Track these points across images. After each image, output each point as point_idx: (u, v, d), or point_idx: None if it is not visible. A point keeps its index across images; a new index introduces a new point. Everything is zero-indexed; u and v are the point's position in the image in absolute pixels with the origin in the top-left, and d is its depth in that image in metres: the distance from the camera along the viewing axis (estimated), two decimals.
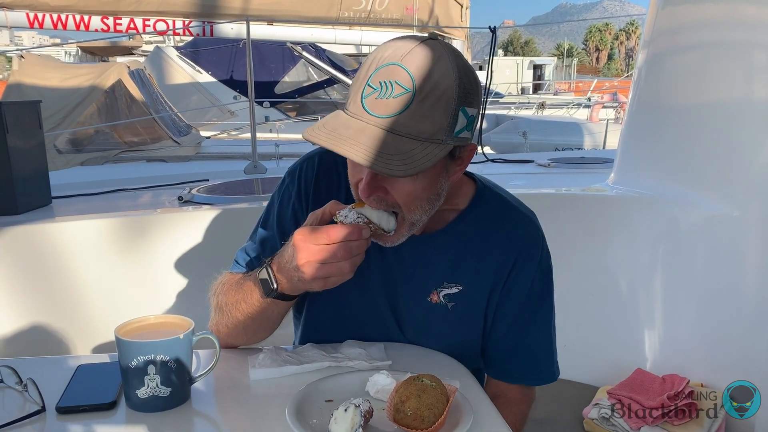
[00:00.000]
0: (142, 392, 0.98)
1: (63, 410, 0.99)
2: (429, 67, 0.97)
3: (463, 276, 1.22)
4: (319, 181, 1.25)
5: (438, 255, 1.21)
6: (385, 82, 0.97)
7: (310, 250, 1.00)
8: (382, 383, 1.02)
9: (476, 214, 1.22)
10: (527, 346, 1.27)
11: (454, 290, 1.22)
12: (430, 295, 1.22)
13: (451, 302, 1.22)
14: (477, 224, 1.22)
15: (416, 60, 0.97)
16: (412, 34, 1.02)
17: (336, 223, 1.03)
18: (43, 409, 0.99)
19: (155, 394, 0.98)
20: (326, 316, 1.29)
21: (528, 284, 1.23)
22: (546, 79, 32.94)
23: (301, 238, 1.02)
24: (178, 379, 1.00)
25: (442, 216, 1.19)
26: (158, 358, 0.97)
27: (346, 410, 0.89)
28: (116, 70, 6.62)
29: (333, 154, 1.04)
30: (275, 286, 1.07)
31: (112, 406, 1.01)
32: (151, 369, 0.97)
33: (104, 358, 1.20)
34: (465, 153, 1.09)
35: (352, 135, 0.97)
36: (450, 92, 0.98)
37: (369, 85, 0.98)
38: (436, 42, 1.01)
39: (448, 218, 1.21)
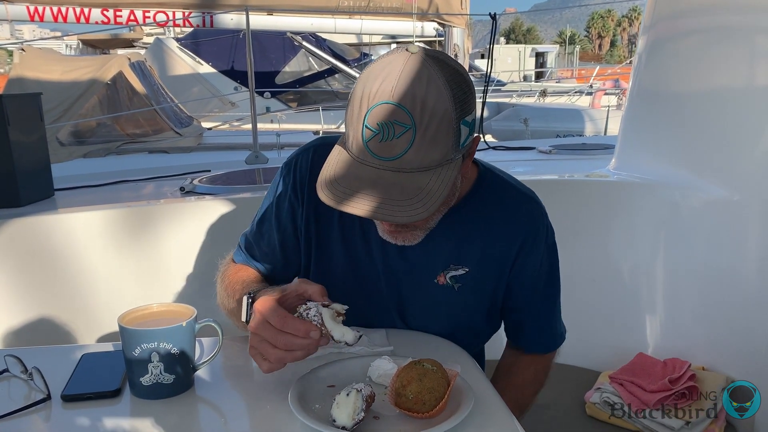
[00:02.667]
0: (145, 380, 0.99)
1: (68, 398, 1.00)
2: (422, 96, 0.95)
3: (470, 258, 1.23)
4: (314, 173, 1.23)
5: (444, 239, 1.22)
6: (383, 124, 0.95)
7: (261, 322, 0.98)
8: (384, 368, 1.03)
9: (480, 197, 1.24)
10: (543, 321, 1.35)
11: (461, 272, 1.24)
12: (437, 278, 1.24)
13: (457, 283, 1.24)
14: (481, 207, 1.23)
15: (406, 91, 0.94)
16: (392, 50, 0.99)
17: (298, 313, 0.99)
18: (48, 397, 1.00)
19: (159, 381, 0.99)
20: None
21: (538, 264, 1.27)
22: (548, 66, 32.82)
23: (260, 306, 0.99)
24: (181, 366, 1.01)
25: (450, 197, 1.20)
26: (161, 345, 0.98)
27: (348, 395, 0.90)
28: (117, 62, 6.61)
29: (329, 146, 1.08)
30: (248, 319, 1.07)
31: (116, 393, 1.02)
32: (155, 357, 0.98)
33: (108, 347, 1.21)
34: (472, 149, 1.10)
35: (368, 191, 0.97)
36: (448, 113, 0.96)
37: (367, 127, 0.96)
38: (419, 58, 0.97)
39: (452, 203, 1.21)
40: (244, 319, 1.07)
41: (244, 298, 1.07)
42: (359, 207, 0.97)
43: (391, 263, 1.25)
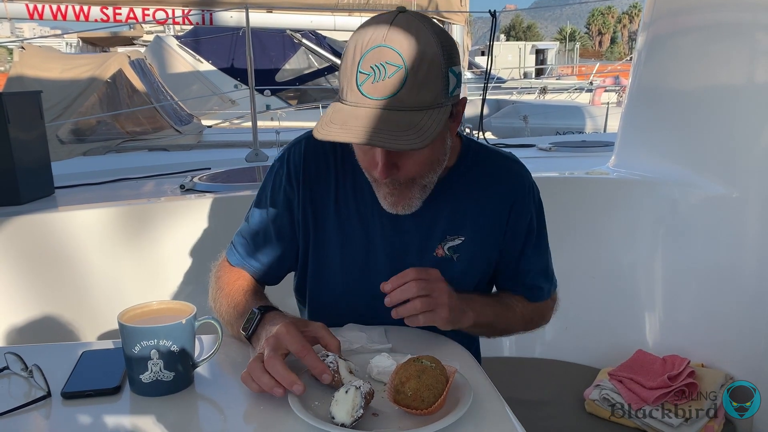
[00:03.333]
0: (145, 377, 0.99)
1: (68, 395, 1.00)
2: (412, 40, 1.01)
3: (464, 227, 1.27)
4: (307, 163, 1.29)
5: (437, 212, 1.27)
6: (376, 66, 1.00)
7: (273, 348, 1.00)
8: (383, 365, 1.03)
9: (467, 167, 1.29)
10: (535, 274, 1.37)
11: (457, 242, 1.28)
12: (436, 251, 1.28)
13: (455, 254, 1.28)
14: (469, 176, 1.28)
15: (398, 37, 1.01)
16: (380, 13, 1.07)
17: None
18: (48, 395, 1.00)
19: (159, 378, 1.00)
20: (332, 298, 1.33)
21: (527, 222, 1.31)
22: (548, 63, 32.80)
23: (284, 330, 1.01)
24: (181, 363, 1.01)
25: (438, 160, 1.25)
26: (161, 343, 0.99)
27: (347, 392, 0.90)
28: (117, 60, 6.61)
29: (311, 138, 1.14)
30: (250, 334, 1.12)
31: (116, 390, 1.02)
32: (154, 354, 0.98)
33: (108, 344, 1.21)
34: (459, 109, 1.15)
35: (364, 123, 1.01)
36: (437, 58, 1.03)
37: (361, 72, 1.01)
38: (407, 15, 1.05)
39: (441, 175, 1.23)
40: (246, 332, 1.11)
41: (254, 310, 1.13)
42: (355, 136, 1.00)
43: (389, 241, 1.28)
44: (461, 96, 1.14)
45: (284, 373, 0.95)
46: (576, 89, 13.49)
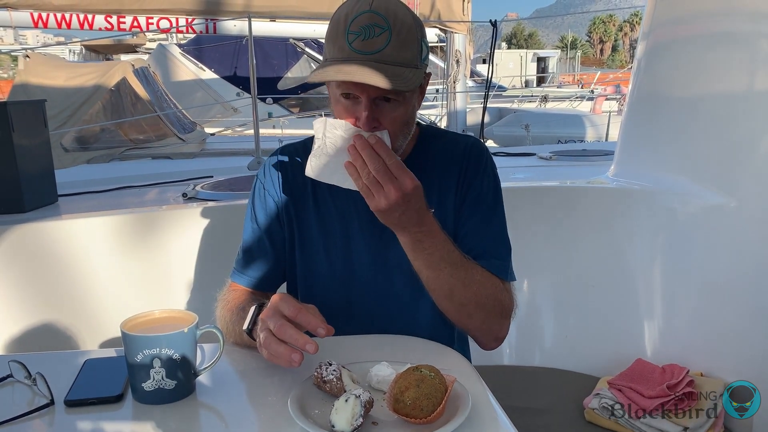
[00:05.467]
0: (147, 385, 1.00)
1: (71, 403, 1.01)
2: (393, 8, 1.18)
3: (431, 200, 1.29)
4: (280, 166, 1.41)
5: None
6: (365, 27, 1.15)
7: (273, 315, 1.05)
8: (383, 374, 1.04)
9: (426, 147, 1.39)
10: (485, 245, 1.35)
11: None
12: None
13: None
14: (429, 155, 1.38)
15: (383, 5, 1.16)
16: None
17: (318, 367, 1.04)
18: (51, 403, 1.01)
19: (161, 386, 1.01)
20: (321, 289, 1.39)
21: (479, 188, 1.36)
22: (550, 71, 32.84)
23: (277, 298, 1.08)
24: (182, 372, 1.02)
25: (401, 154, 1.32)
26: (163, 351, 1.00)
27: (346, 400, 0.91)
28: (121, 69, 6.64)
29: (293, 146, 1.39)
30: (250, 327, 1.15)
31: (119, 399, 1.03)
32: (156, 362, 0.99)
33: (111, 352, 1.22)
34: (426, 82, 1.29)
35: (356, 69, 1.13)
36: (413, 26, 1.19)
37: (351, 32, 1.15)
38: None
39: (405, 156, 1.35)
40: (245, 326, 1.13)
41: (252, 308, 1.15)
42: (351, 76, 1.12)
43: (367, 229, 1.34)
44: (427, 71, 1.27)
45: (296, 335, 1.01)
46: (577, 97, 13.50)
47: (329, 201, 1.37)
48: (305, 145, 1.40)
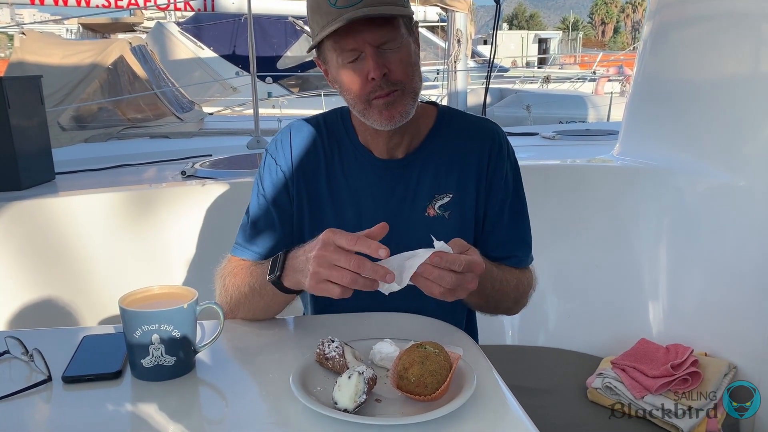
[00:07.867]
0: (146, 362, 0.99)
1: (69, 379, 1.00)
2: None
3: (450, 185, 1.34)
4: (293, 141, 1.38)
5: (422, 172, 1.34)
6: None
7: (330, 247, 1.02)
8: (386, 351, 1.03)
9: (445, 128, 1.38)
10: (516, 239, 1.40)
11: (446, 199, 1.34)
12: (427, 210, 1.34)
13: (446, 211, 1.34)
14: (448, 136, 1.37)
15: None
16: None
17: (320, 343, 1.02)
18: (49, 379, 1.00)
19: (160, 363, 0.99)
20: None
21: (503, 176, 1.37)
22: (551, 52, 32.66)
23: (329, 234, 1.04)
24: (182, 348, 1.01)
25: (418, 133, 1.35)
26: (162, 327, 0.98)
27: (349, 377, 0.89)
28: (118, 47, 6.59)
29: (306, 122, 1.37)
30: (278, 272, 1.13)
31: (117, 375, 1.01)
32: (155, 338, 0.98)
33: (109, 329, 1.21)
34: (416, 31, 1.29)
35: (350, 16, 1.14)
36: None
37: None
38: None
39: (422, 136, 1.35)
40: (272, 274, 1.13)
41: (279, 254, 1.15)
42: (341, 21, 1.13)
43: (380, 206, 1.33)
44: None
45: (376, 267, 0.99)
46: (579, 79, 13.43)
47: (342, 180, 1.36)
48: (318, 122, 1.39)
